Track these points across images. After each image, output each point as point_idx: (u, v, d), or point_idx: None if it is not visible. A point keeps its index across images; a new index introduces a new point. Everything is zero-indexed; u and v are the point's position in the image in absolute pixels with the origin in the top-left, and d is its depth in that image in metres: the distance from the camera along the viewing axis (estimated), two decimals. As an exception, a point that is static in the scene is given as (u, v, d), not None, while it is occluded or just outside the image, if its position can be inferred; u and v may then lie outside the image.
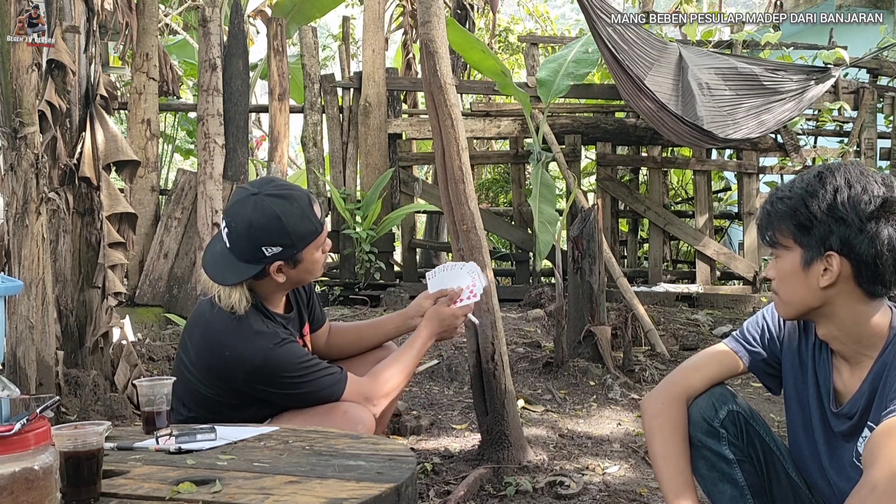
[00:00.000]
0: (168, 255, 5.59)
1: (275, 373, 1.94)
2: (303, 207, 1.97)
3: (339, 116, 6.17)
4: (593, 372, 4.09)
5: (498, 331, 2.93)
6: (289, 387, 1.96)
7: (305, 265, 2.02)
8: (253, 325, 1.96)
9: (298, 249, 1.97)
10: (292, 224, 1.94)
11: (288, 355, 1.96)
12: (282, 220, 1.92)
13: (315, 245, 2.01)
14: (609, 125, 6.52)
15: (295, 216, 1.94)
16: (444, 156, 2.92)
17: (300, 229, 1.95)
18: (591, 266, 4.29)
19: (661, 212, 6.62)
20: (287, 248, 1.95)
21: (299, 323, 2.22)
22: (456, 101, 2.93)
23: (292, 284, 2.09)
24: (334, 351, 2.36)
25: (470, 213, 2.90)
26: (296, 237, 1.95)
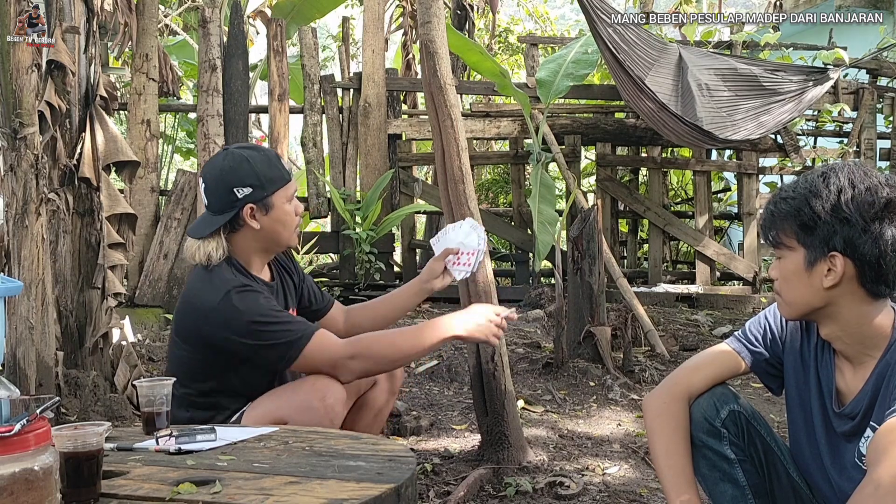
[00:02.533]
0: (168, 256, 5.58)
1: (234, 316, 1.92)
2: (269, 156, 2.10)
3: (338, 117, 6.17)
4: (593, 372, 4.09)
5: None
6: (250, 335, 1.92)
7: (277, 214, 2.04)
8: (223, 273, 2.01)
9: (268, 192, 2.02)
10: (260, 167, 2.03)
11: (251, 301, 1.95)
12: (250, 162, 2.02)
13: (285, 193, 2.06)
14: (609, 126, 6.52)
15: (262, 161, 2.05)
16: (443, 156, 2.91)
17: (268, 172, 2.03)
18: (590, 267, 4.29)
19: (661, 212, 6.62)
20: (256, 188, 2.00)
21: (285, 301, 2.20)
22: (456, 102, 2.93)
23: (269, 242, 2.08)
24: (359, 329, 2.33)
25: (470, 214, 2.90)
26: (264, 178, 2.02)
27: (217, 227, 2.01)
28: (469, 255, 2.39)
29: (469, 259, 2.39)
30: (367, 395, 2.29)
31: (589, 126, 6.45)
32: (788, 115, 6.15)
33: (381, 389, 2.31)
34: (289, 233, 2.11)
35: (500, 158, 6.60)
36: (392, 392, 2.35)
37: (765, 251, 6.94)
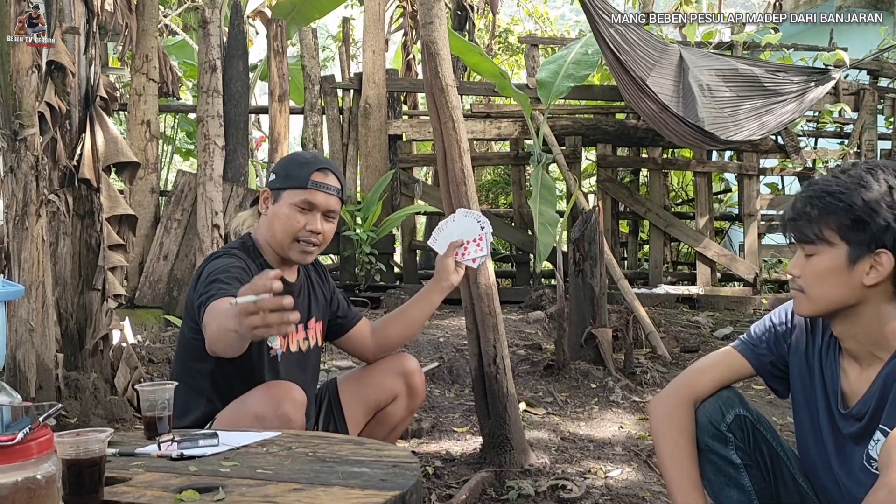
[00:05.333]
0: (168, 257, 5.57)
1: (201, 273, 1.94)
2: (310, 161, 2.13)
3: (339, 118, 6.16)
4: (594, 374, 4.08)
5: (499, 334, 2.91)
6: (197, 293, 1.87)
7: (278, 209, 2.06)
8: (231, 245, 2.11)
9: (281, 186, 2.07)
10: (293, 162, 2.15)
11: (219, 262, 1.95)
12: (293, 156, 2.21)
13: (294, 196, 2.04)
14: (609, 126, 6.51)
15: (299, 159, 2.17)
16: (445, 158, 2.90)
17: (293, 169, 2.09)
18: (592, 269, 4.28)
19: (662, 213, 6.61)
20: (277, 177, 2.10)
21: (307, 310, 2.18)
22: (457, 104, 2.92)
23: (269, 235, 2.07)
24: (390, 341, 2.34)
25: (472, 216, 2.89)
26: (285, 171, 2.09)
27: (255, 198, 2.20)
28: (476, 241, 2.39)
29: (479, 245, 2.39)
30: (385, 409, 2.28)
31: (590, 127, 6.44)
32: (790, 116, 6.14)
33: (400, 406, 2.29)
34: (283, 237, 2.04)
35: (501, 159, 6.59)
36: (411, 410, 2.33)
37: (765, 252, 6.94)
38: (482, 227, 2.41)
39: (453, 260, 2.37)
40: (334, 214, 2.13)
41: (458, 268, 2.38)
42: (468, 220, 2.44)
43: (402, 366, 2.31)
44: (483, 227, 2.41)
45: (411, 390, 2.31)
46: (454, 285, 2.40)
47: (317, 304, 2.23)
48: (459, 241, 2.39)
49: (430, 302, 2.37)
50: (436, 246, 2.44)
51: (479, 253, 2.40)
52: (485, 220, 2.43)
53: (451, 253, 2.37)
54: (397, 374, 2.28)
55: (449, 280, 2.35)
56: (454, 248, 2.38)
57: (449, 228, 2.45)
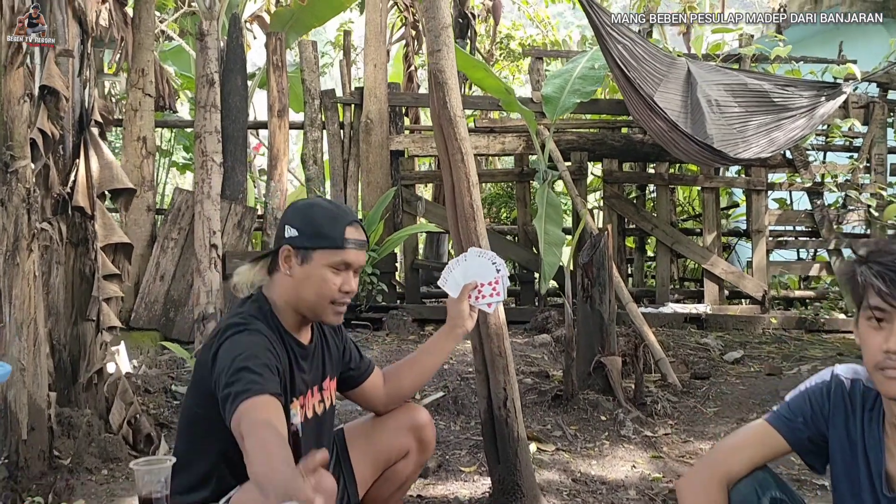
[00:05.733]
0: (164, 278, 5.47)
1: (223, 350, 1.78)
2: (339, 215, 1.95)
3: (339, 133, 6.06)
4: (604, 405, 3.98)
5: (510, 375, 2.82)
6: (223, 372, 1.72)
7: (310, 270, 1.89)
8: (246, 311, 1.92)
9: (311, 245, 1.90)
10: (321, 217, 1.92)
11: (244, 339, 1.79)
12: (314, 208, 1.95)
13: (328, 257, 1.89)
14: (616, 141, 6.42)
15: (326, 215, 1.94)
16: (454, 192, 2.81)
17: (324, 227, 1.91)
18: (601, 295, 4.19)
19: (669, 230, 6.53)
20: (303, 235, 1.90)
21: (322, 370, 2.07)
22: (466, 135, 2.82)
23: (298, 300, 1.93)
24: (402, 392, 2.24)
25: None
26: (314, 228, 1.90)
27: (259, 255, 2.00)
28: (492, 284, 2.30)
29: (494, 288, 2.31)
30: (395, 466, 2.20)
31: (595, 142, 6.35)
32: (800, 132, 6.05)
33: (411, 461, 2.21)
34: (318, 300, 1.91)
35: (505, 176, 6.49)
36: (420, 464, 2.25)
37: (774, 269, 6.86)
38: (498, 269, 2.32)
39: (467, 304, 2.28)
40: (362, 268, 2.05)
41: (472, 312, 2.29)
42: (482, 261, 2.35)
43: (413, 420, 2.22)
44: (499, 269, 2.32)
45: (422, 445, 2.22)
46: (468, 331, 2.31)
47: (330, 361, 2.13)
48: (473, 284, 2.30)
49: (443, 350, 2.28)
50: (447, 287, 2.35)
51: (496, 297, 2.32)
52: (500, 262, 2.34)
53: (465, 297, 2.28)
54: (408, 430, 2.19)
55: (464, 326, 2.27)
56: (468, 291, 2.29)
57: (460, 269, 2.35)
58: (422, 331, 5.61)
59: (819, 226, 6.88)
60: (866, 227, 7.11)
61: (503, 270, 2.33)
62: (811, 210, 6.93)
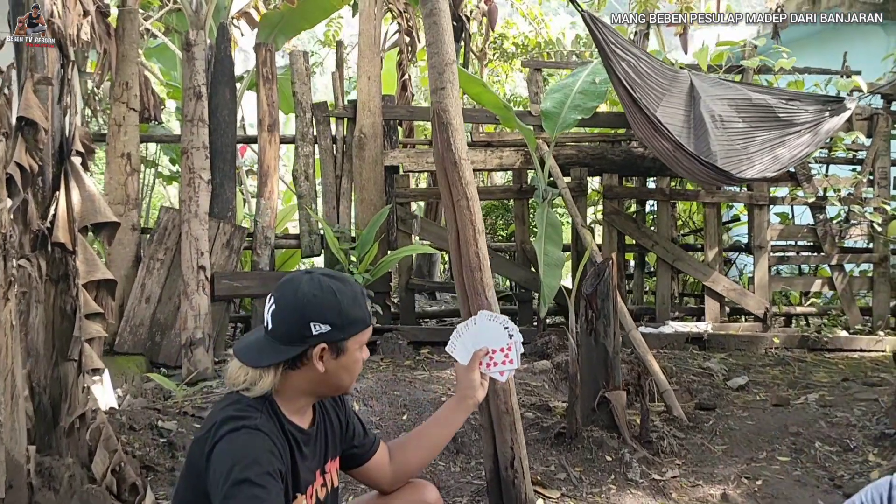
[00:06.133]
0: (150, 300, 5.31)
1: (223, 454, 1.65)
2: (356, 292, 1.86)
3: (332, 148, 5.89)
4: (609, 444, 3.86)
5: (517, 433, 2.70)
6: (222, 480, 1.61)
7: (347, 360, 1.83)
8: (249, 408, 1.76)
9: (346, 335, 1.80)
10: (346, 304, 1.80)
11: (249, 444, 1.66)
12: (337, 296, 1.79)
13: (361, 338, 1.85)
14: (616, 156, 6.29)
15: (349, 297, 1.82)
16: (458, 240, 2.67)
17: (353, 312, 1.81)
18: (605, 328, 4.07)
19: (670, 247, 6.41)
20: (336, 329, 1.78)
21: (324, 451, 1.95)
22: (471, 178, 2.69)
23: (326, 387, 1.86)
24: (410, 469, 2.12)
25: (487, 304, 2.66)
26: (346, 319, 1.79)
27: (280, 360, 1.78)
28: (505, 351, 2.17)
29: (507, 354, 2.18)
30: None
31: (595, 156, 6.22)
32: (804, 150, 5.94)
33: None
34: (352, 381, 1.90)
35: (504, 194, 6.35)
36: None
37: (775, 285, 6.76)
38: (510, 334, 2.19)
39: (478, 373, 2.15)
40: None
41: (483, 380, 2.16)
42: (493, 325, 2.21)
43: (422, 499, 2.09)
44: (512, 334, 2.19)
45: None
46: (480, 401, 2.18)
47: (333, 441, 2.00)
48: (484, 350, 2.17)
49: (453, 423, 2.15)
50: (456, 354, 2.22)
51: (509, 366, 2.19)
52: (513, 327, 2.21)
53: (476, 364, 2.15)
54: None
55: (475, 397, 2.15)
56: (478, 358, 2.16)
57: (470, 333, 2.22)
58: (417, 354, 5.48)
59: (821, 241, 6.78)
60: (869, 241, 7.02)
61: (516, 336, 2.20)
62: (814, 224, 6.83)
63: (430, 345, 5.68)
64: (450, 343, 2.24)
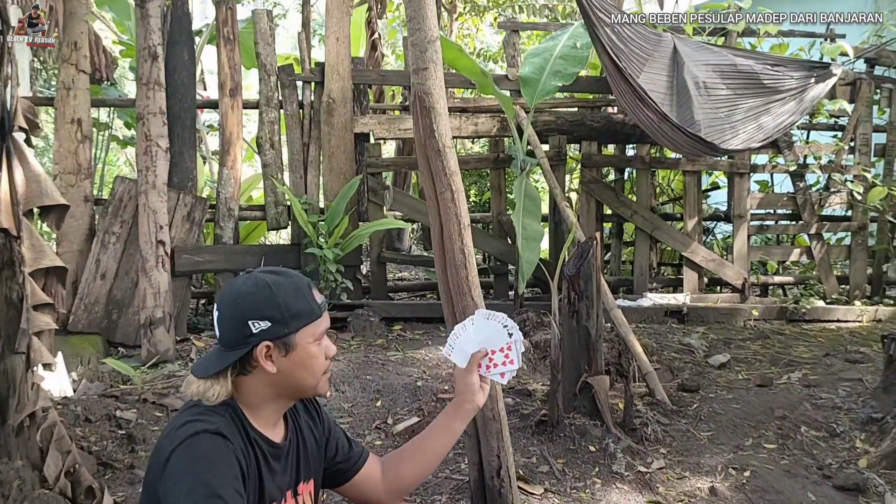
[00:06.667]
0: (106, 276, 5.05)
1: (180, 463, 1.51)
2: (299, 284, 1.72)
3: (298, 114, 5.61)
4: (592, 433, 3.76)
5: (504, 441, 2.56)
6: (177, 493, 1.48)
7: (299, 355, 1.68)
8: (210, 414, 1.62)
9: (290, 329, 1.66)
10: (283, 296, 1.67)
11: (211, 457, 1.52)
12: (272, 289, 1.67)
13: (312, 331, 1.70)
14: (595, 122, 6.10)
15: (289, 289, 1.69)
16: (442, 235, 2.49)
17: (293, 304, 1.68)
18: (588, 310, 3.94)
19: (649, 216, 6.29)
20: (276, 323, 1.65)
21: (296, 471, 1.79)
22: (456, 168, 2.49)
23: (287, 389, 1.71)
24: (404, 485, 1.96)
25: (474, 304, 2.49)
26: (287, 311, 1.66)
27: (225, 366, 1.66)
28: (504, 352, 2.01)
29: (507, 355, 2.01)
30: None
31: (574, 123, 6.03)
32: (789, 118, 5.82)
33: None
34: (314, 379, 1.72)
35: (480, 163, 6.14)
36: None
37: (754, 255, 6.70)
38: (510, 332, 2.02)
39: (478, 376, 1.98)
40: None
41: (484, 383, 2.00)
42: (491, 324, 2.04)
43: None
44: (511, 333, 2.02)
45: None
46: (480, 407, 2.01)
47: (307, 461, 1.83)
48: (483, 352, 2.00)
49: (451, 432, 1.98)
50: (454, 357, 2.05)
51: (510, 366, 2.02)
52: (513, 325, 2.04)
53: (475, 367, 1.99)
54: None
55: (474, 402, 1.97)
56: (477, 360, 1.99)
57: (467, 335, 2.05)
58: (389, 332, 5.31)
59: (801, 209, 6.72)
60: (847, 209, 6.98)
61: (516, 334, 2.03)
62: (794, 193, 6.76)
63: (403, 321, 5.52)
64: (447, 347, 2.08)
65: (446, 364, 4.68)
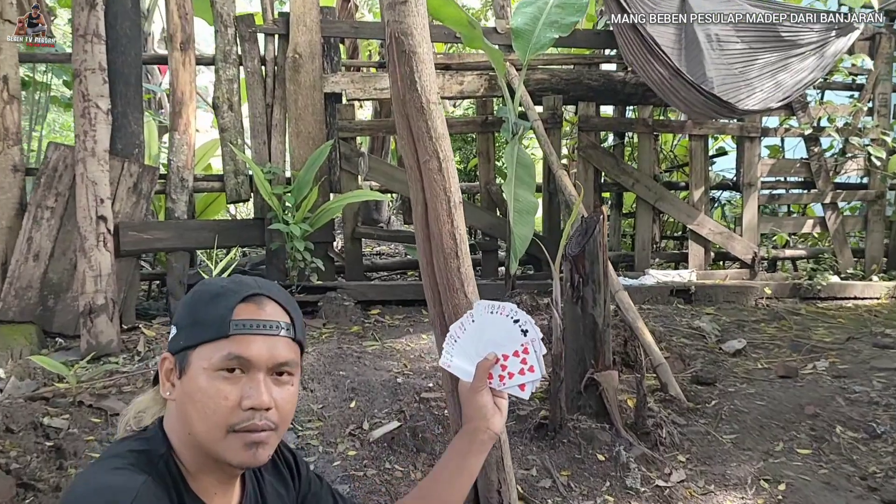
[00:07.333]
0: (40, 257, 4.52)
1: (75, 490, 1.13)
2: (229, 290, 1.26)
3: (261, 71, 5.07)
4: (600, 438, 3.33)
5: (506, 471, 2.10)
6: None
7: (189, 384, 1.21)
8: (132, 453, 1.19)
9: (188, 342, 1.23)
10: (198, 299, 1.27)
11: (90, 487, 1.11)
12: (193, 295, 1.29)
13: (212, 353, 1.20)
14: (593, 81, 5.60)
15: (208, 293, 1.27)
16: (426, 215, 2.00)
17: (202, 311, 1.24)
18: (594, 295, 3.50)
19: (652, 185, 5.83)
20: (180, 331, 1.26)
21: None
22: (445, 131, 1.99)
23: (184, 429, 1.22)
24: None
25: (467, 303, 2.02)
26: (192, 318, 1.25)
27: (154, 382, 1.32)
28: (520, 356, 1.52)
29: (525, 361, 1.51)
30: None
31: (570, 82, 5.52)
32: (809, 74, 5.36)
33: None
34: (204, 423, 1.19)
35: (466, 127, 5.61)
36: None
37: (764, 226, 6.28)
38: (523, 328, 1.53)
39: (489, 393, 1.50)
40: (289, 368, 1.25)
41: (499, 399, 1.52)
42: (498, 321, 1.55)
43: None
44: (526, 329, 1.53)
45: None
46: (498, 433, 1.52)
47: None
48: (493, 359, 1.51)
49: (466, 472, 1.50)
50: (454, 369, 1.57)
51: (530, 375, 1.53)
52: (526, 319, 1.53)
53: (484, 380, 1.50)
54: None
55: (490, 428, 1.49)
56: (486, 371, 1.50)
57: (467, 338, 1.57)
58: (366, 317, 4.83)
59: (815, 176, 6.30)
60: (863, 176, 6.57)
61: (532, 331, 1.54)
62: (807, 158, 6.33)
63: (381, 304, 5.04)
64: (443, 355, 1.59)
65: (430, 356, 4.22)
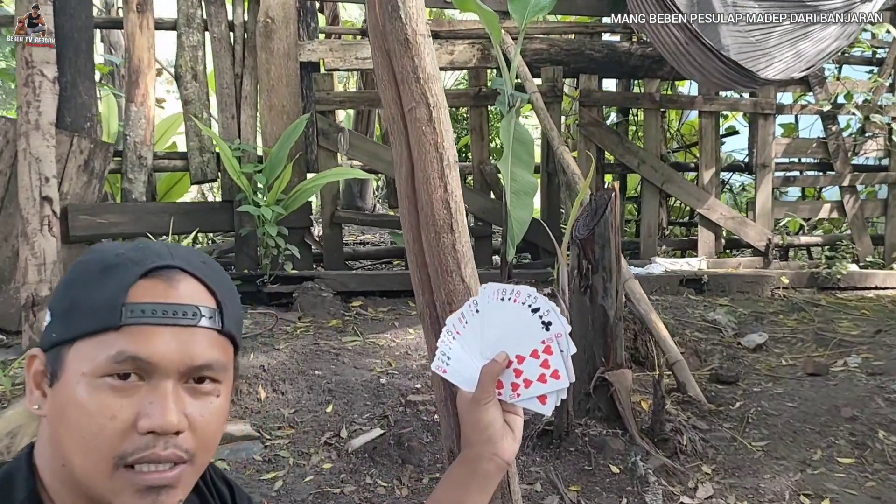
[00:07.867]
0: (-22, 243, 4.11)
1: None
2: (120, 261, 0.90)
3: (228, 37, 4.67)
4: (612, 447, 2.98)
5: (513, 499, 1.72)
6: None
7: (62, 395, 0.86)
8: None
9: (63, 335, 0.88)
10: (82, 275, 0.92)
11: None
12: (77, 266, 0.94)
13: (95, 352, 0.85)
14: (596, 51, 5.23)
15: (96, 266, 0.91)
16: (412, 179, 1.61)
17: (83, 291, 0.90)
18: (605, 283, 3.15)
19: (659, 166, 5.47)
20: (55, 318, 0.91)
21: None
22: (436, 72, 1.60)
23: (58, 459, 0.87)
24: None
25: (464, 289, 1.63)
26: (69, 300, 0.90)
27: None
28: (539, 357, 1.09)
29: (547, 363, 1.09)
30: None
31: (571, 52, 5.15)
32: (832, 43, 5.01)
33: None
34: (86, 459, 0.84)
35: (457, 100, 5.20)
36: None
37: (779, 211, 5.93)
38: (545, 321, 1.11)
39: (498, 407, 1.10)
40: (213, 373, 0.89)
41: (510, 415, 1.11)
42: (510, 309, 1.12)
43: None
44: (549, 322, 1.11)
45: None
46: (510, 461, 1.11)
47: None
48: (503, 361, 1.10)
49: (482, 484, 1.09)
50: (451, 375, 1.15)
51: (554, 383, 1.10)
52: (548, 307, 1.10)
53: (491, 389, 1.09)
54: None
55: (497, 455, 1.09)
56: (494, 377, 1.10)
57: (469, 334, 1.15)
58: (346, 309, 4.45)
59: (832, 157, 5.95)
60: (883, 157, 6.23)
61: (557, 324, 1.11)
62: (824, 137, 5.98)
63: (364, 295, 4.65)
64: (437, 357, 1.17)
65: (418, 352, 3.84)
